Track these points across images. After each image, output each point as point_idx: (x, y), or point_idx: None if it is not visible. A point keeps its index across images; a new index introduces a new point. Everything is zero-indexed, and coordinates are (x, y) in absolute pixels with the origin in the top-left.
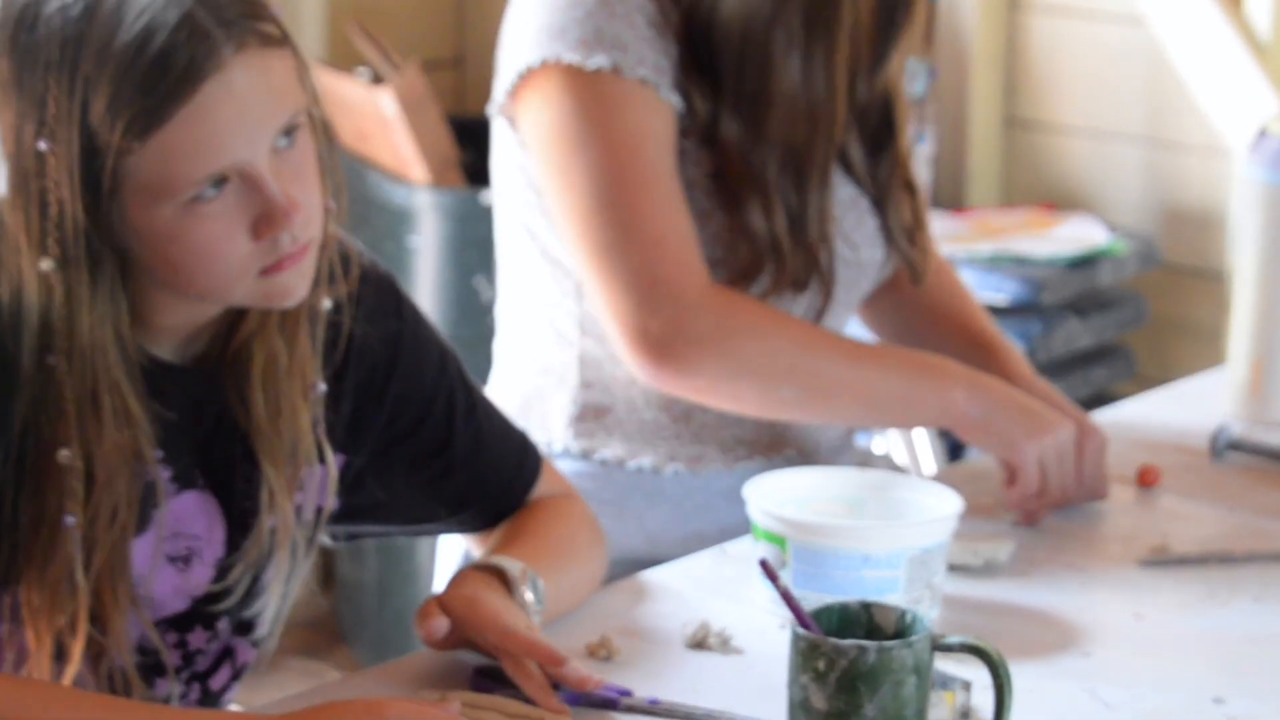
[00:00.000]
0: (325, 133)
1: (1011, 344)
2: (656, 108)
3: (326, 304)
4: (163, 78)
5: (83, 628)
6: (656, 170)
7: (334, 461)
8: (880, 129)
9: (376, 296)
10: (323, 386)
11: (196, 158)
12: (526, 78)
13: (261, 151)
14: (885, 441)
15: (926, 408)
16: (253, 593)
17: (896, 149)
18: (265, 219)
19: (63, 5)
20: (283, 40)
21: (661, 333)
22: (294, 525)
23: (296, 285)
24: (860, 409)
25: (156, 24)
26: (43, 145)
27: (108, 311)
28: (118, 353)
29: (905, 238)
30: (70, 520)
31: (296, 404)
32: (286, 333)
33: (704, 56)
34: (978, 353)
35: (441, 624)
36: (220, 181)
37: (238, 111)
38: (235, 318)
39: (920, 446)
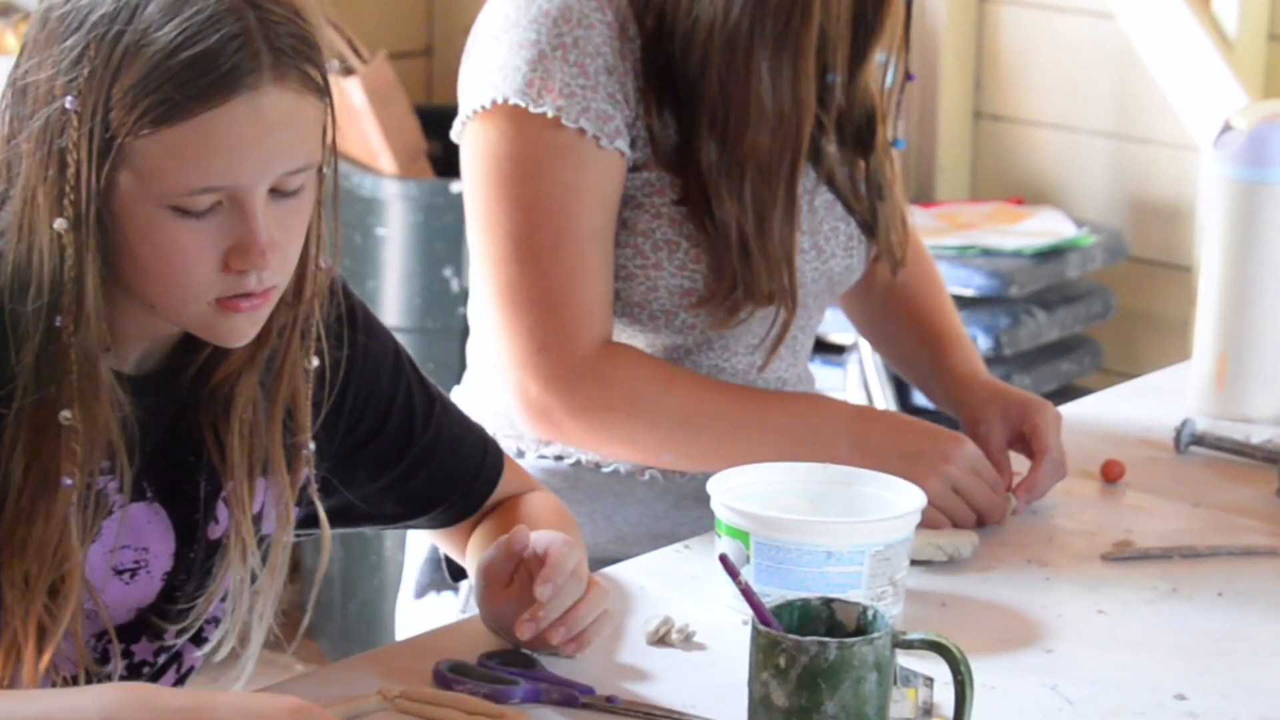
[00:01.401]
0: (334, 195)
1: (965, 338)
2: (593, 161)
3: (314, 364)
4: (198, 77)
5: (75, 594)
6: (575, 230)
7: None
8: (860, 132)
9: (329, 302)
10: (313, 446)
11: (199, 167)
12: (476, 114)
13: (263, 185)
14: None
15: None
16: (201, 604)
17: (876, 152)
18: (240, 251)
19: None
20: (322, 92)
21: (539, 398)
22: (252, 537)
23: (246, 330)
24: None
25: (212, 24)
26: (69, 103)
27: (105, 283)
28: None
29: (883, 239)
30: (69, 482)
31: (276, 449)
32: (270, 386)
33: (681, 73)
34: (928, 347)
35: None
36: (212, 197)
37: (256, 137)
38: (213, 350)
39: (876, 396)
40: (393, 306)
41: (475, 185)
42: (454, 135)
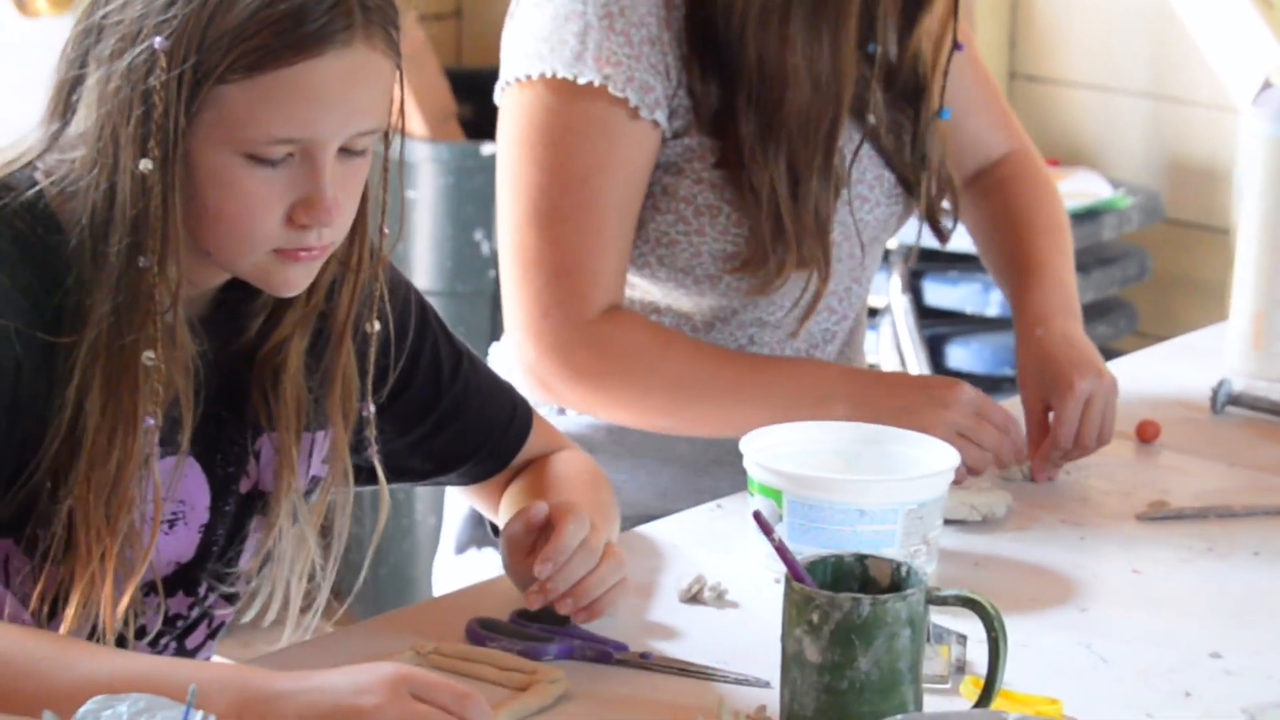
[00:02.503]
0: (399, 164)
1: (1052, 274)
2: (627, 133)
3: (376, 327)
4: (296, 27)
5: (154, 536)
6: (597, 202)
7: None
8: (908, 96)
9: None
10: (373, 409)
11: (285, 116)
12: (519, 81)
13: (338, 141)
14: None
15: None
16: (240, 560)
17: (922, 118)
18: (307, 206)
19: None
20: (398, 54)
21: (538, 363)
22: (301, 496)
23: (300, 280)
24: (737, 434)
25: None
26: (159, 43)
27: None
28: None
29: (926, 203)
30: (150, 422)
31: (335, 412)
32: (326, 347)
33: (722, 38)
34: (1014, 274)
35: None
36: (287, 151)
37: (341, 93)
38: (265, 311)
39: (908, 358)
40: (423, 269)
41: (507, 149)
42: (496, 96)
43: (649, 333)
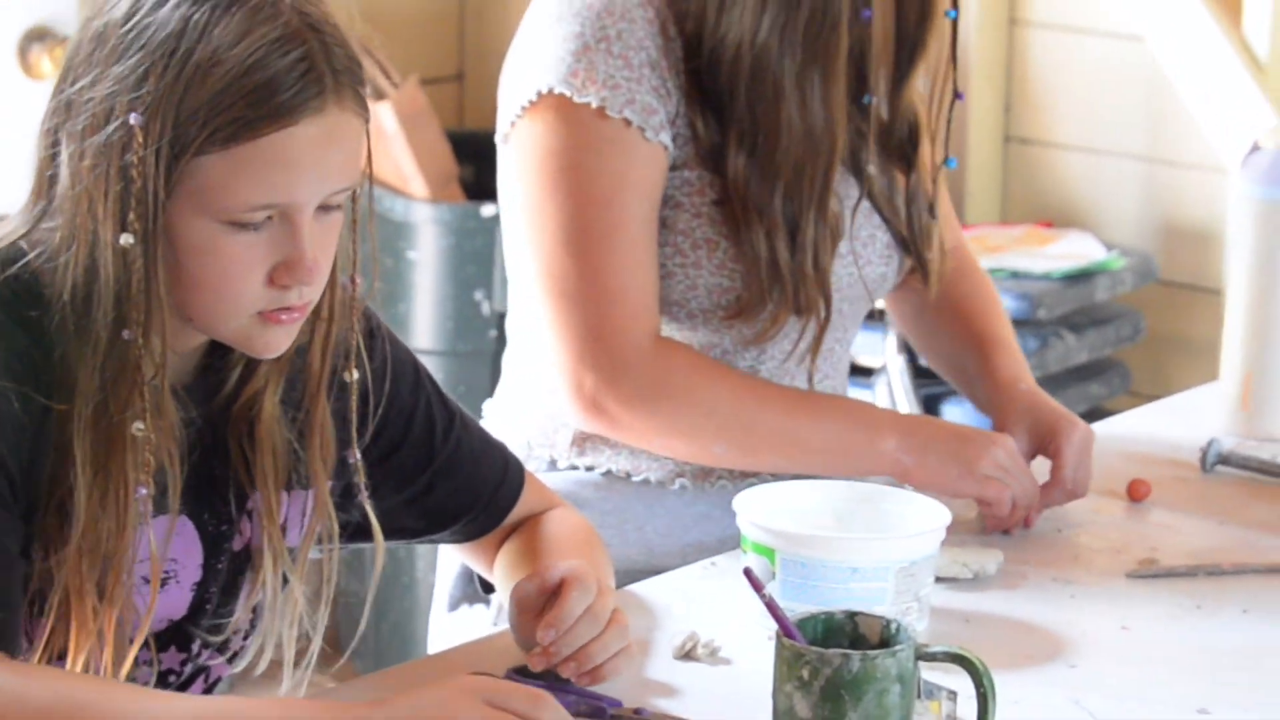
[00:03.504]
0: (368, 216)
1: (1012, 345)
2: (640, 152)
3: (355, 375)
4: (268, 98)
5: (154, 600)
6: (625, 220)
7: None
8: (901, 147)
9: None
10: (358, 455)
11: (263, 183)
12: (524, 110)
13: (314, 203)
14: None
15: (860, 458)
16: (231, 615)
17: (917, 168)
18: (288, 267)
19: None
20: (367, 113)
21: (595, 388)
22: (283, 549)
23: (281, 342)
24: (792, 463)
25: (279, 47)
26: (134, 119)
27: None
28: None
29: (918, 254)
30: (143, 491)
31: (314, 463)
32: (301, 401)
33: (711, 85)
34: (973, 350)
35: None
36: (266, 215)
37: (316, 157)
38: (239, 366)
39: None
40: (424, 330)
41: (525, 178)
42: (499, 138)
43: (703, 360)
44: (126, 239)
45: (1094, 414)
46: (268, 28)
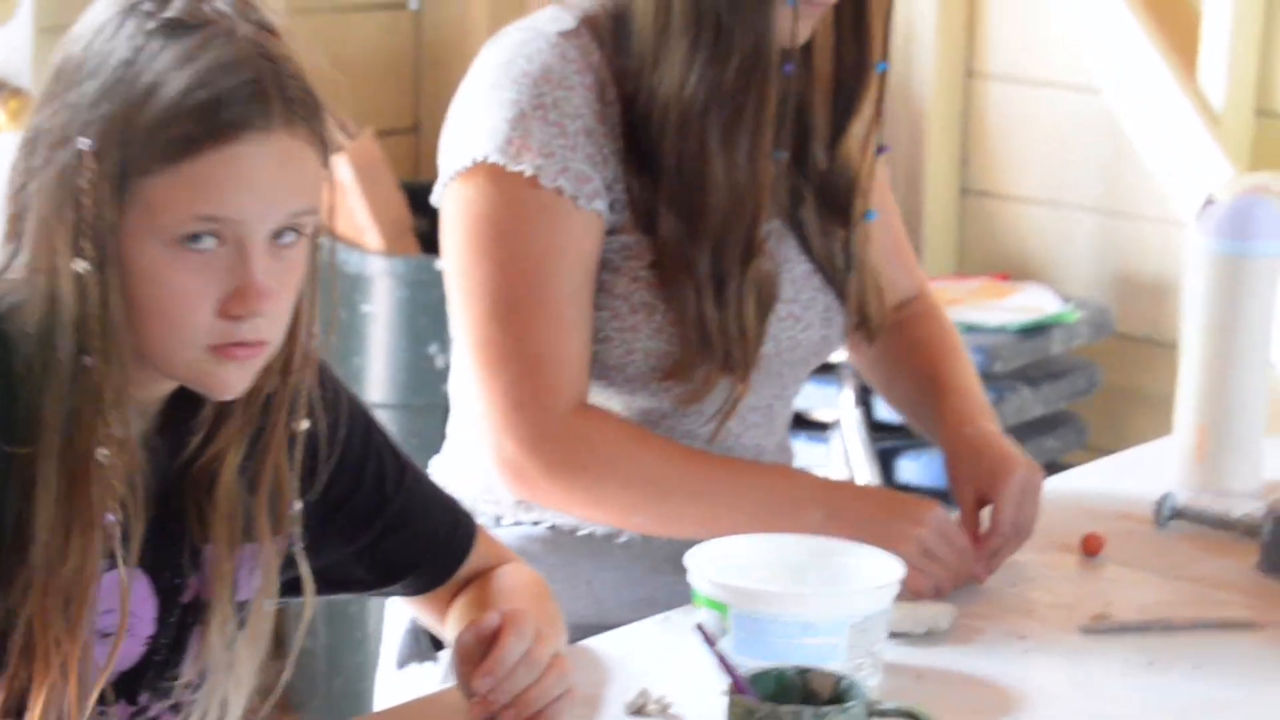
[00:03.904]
0: (330, 268)
1: (968, 388)
2: (572, 220)
3: (304, 425)
4: (214, 114)
5: (122, 633)
6: (553, 290)
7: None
8: (840, 202)
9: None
10: (299, 505)
11: (209, 198)
12: (458, 175)
13: (264, 229)
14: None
15: (784, 532)
16: (180, 669)
17: (854, 223)
18: (238, 295)
19: (146, 21)
20: (325, 154)
21: (516, 456)
22: (231, 605)
23: (236, 381)
24: (714, 535)
25: (228, 69)
26: (84, 144)
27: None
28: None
29: (857, 309)
30: (111, 518)
31: (261, 517)
32: (257, 456)
33: (644, 144)
34: (928, 392)
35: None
36: (216, 239)
37: (262, 177)
38: (203, 423)
39: (859, 472)
40: (378, 383)
41: (456, 245)
42: (434, 199)
43: (625, 428)
44: (81, 265)
45: (1050, 468)
46: (219, 52)
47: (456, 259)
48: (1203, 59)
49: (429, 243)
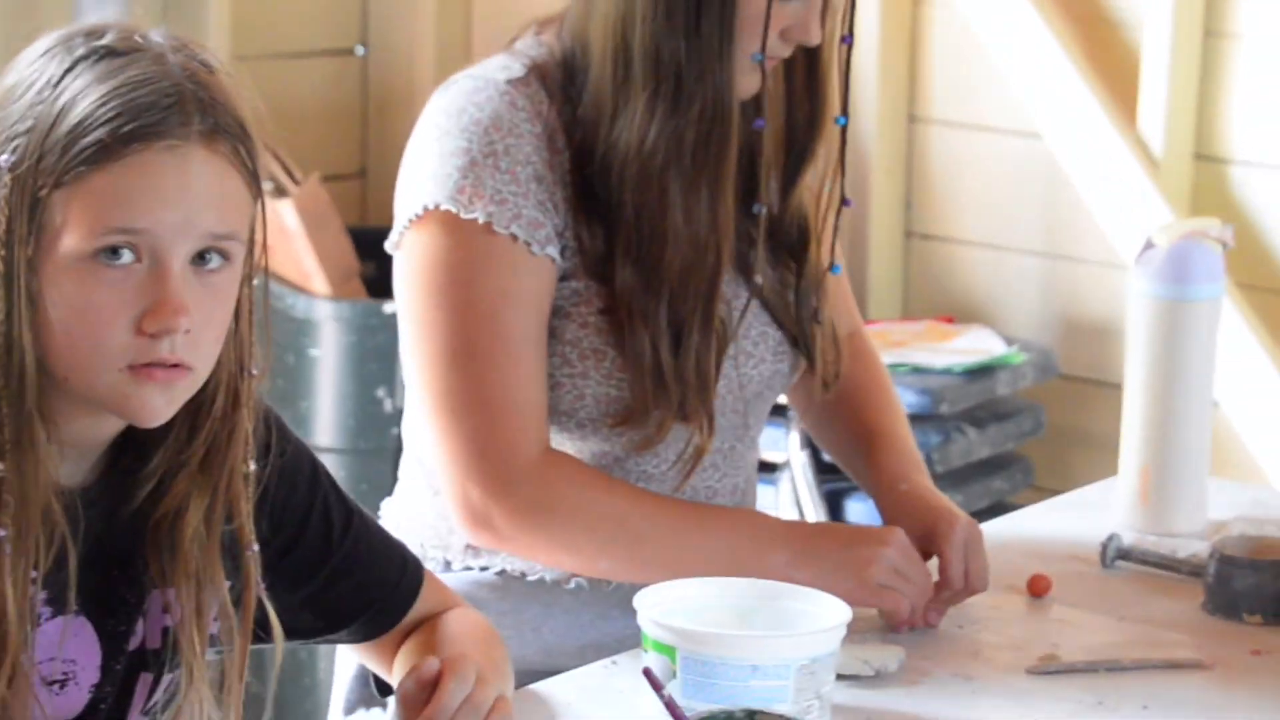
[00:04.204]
0: (264, 304)
1: (902, 440)
2: (526, 266)
3: (251, 467)
4: (129, 122)
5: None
6: (510, 335)
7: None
8: (792, 250)
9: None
10: (256, 548)
11: (123, 206)
12: (411, 223)
13: (182, 247)
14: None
15: (749, 573)
16: (123, 717)
17: (807, 272)
18: (154, 310)
19: (79, 49)
20: (253, 182)
21: (480, 503)
22: (203, 652)
23: (159, 406)
24: (681, 578)
25: (147, 83)
26: (3, 160)
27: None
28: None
29: (813, 352)
30: (2, 533)
31: (215, 563)
32: (219, 496)
33: (601, 193)
34: (863, 445)
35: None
36: (133, 254)
37: (180, 186)
38: (160, 473)
39: (808, 513)
40: (326, 427)
41: (410, 293)
42: (389, 246)
43: (591, 474)
44: None
45: (997, 509)
46: (141, 69)
47: (411, 306)
48: (1142, 104)
49: (376, 287)
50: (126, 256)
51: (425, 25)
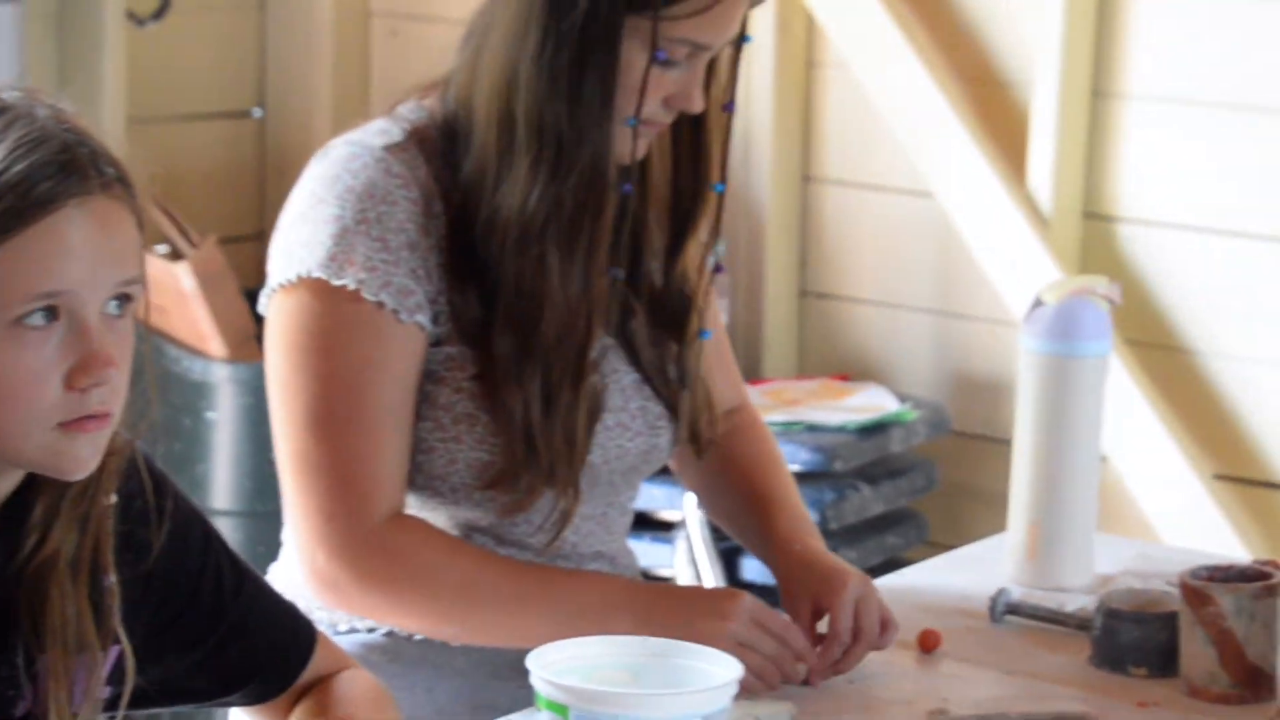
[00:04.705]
0: (147, 339)
1: (792, 503)
2: (393, 334)
3: (113, 499)
4: (34, 187)
5: None
6: (371, 403)
7: (111, 650)
8: (675, 317)
9: (136, 479)
10: (111, 578)
11: (42, 272)
12: (283, 287)
13: (97, 299)
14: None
15: None
16: None
17: (687, 338)
18: (83, 366)
19: None
20: (141, 220)
21: (327, 567)
22: (68, 715)
23: (88, 457)
24: (526, 644)
25: (39, 144)
26: None
27: None
28: None
29: (688, 424)
30: None
31: (83, 600)
32: (88, 535)
33: (482, 257)
34: (753, 509)
35: None
36: (51, 315)
37: (92, 240)
38: (43, 530)
39: (703, 572)
40: (223, 490)
41: (276, 356)
42: (260, 307)
43: (437, 539)
44: None
45: (891, 564)
46: (24, 131)
47: (277, 370)
48: (1032, 163)
49: None
50: (47, 318)
51: (322, 87)
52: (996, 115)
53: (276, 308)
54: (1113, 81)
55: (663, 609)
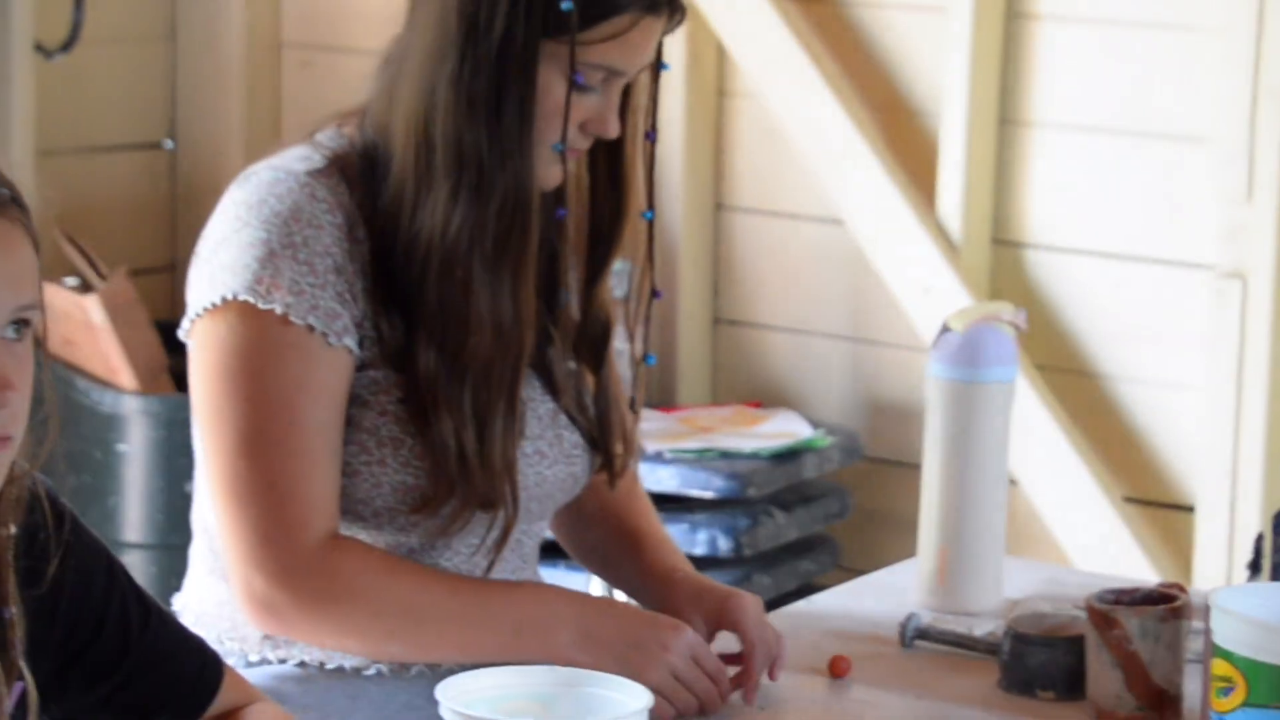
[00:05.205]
0: (45, 361)
1: (665, 537)
2: (321, 357)
3: (12, 530)
4: None
5: None
6: (301, 425)
7: (15, 686)
8: (594, 345)
9: (39, 512)
10: (12, 610)
11: None
12: (207, 311)
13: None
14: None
15: (535, 655)
16: None
17: (609, 365)
18: None
19: None
20: (35, 243)
21: (264, 591)
22: None
23: None
24: (469, 659)
25: None
26: None
27: None
28: None
29: (605, 451)
30: None
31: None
32: None
33: (403, 282)
34: (627, 547)
35: None
36: None
37: None
38: None
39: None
40: (135, 523)
41: (204, 379)
42: (181, 334)
43: (376, 558)
44: None
45: (806, 590)
46: None
47: (205, 394)
48: (941, 191)
49: (184, 381)
50: None
51: (233, 118)
52: (906, 144)
53: (201, 332)
54: (1020, 110)
55: (606, 629)
